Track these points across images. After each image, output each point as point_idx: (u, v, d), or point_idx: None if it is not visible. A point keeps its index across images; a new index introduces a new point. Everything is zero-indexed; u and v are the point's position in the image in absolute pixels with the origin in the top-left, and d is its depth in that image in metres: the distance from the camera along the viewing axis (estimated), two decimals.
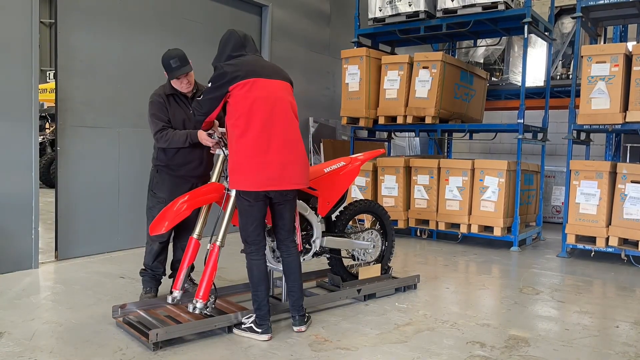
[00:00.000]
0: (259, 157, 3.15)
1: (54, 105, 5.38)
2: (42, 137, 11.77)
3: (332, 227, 4.19)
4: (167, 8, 6.10)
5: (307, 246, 3.94)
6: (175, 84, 3.78)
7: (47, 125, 12.85)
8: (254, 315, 3.32)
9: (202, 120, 3.38)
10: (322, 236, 3.98)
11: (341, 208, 4.27)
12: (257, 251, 3.32)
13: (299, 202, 3.86)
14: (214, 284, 3.35)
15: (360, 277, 4.24)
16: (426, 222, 6.85)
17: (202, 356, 3.01)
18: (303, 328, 3.41)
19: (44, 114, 12.22)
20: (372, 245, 4.42)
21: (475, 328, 3.56)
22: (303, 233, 3.92)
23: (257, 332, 3.26)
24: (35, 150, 4.82)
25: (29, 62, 4.73)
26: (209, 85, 3.26)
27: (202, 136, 3.61)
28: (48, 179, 10.88)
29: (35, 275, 4.68)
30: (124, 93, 5.69)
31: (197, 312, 3.27)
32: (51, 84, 12.97)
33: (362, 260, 4.37)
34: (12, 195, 4.68)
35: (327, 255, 4.12)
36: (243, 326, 3.34)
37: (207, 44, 6.65)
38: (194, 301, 3.27)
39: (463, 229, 6.52)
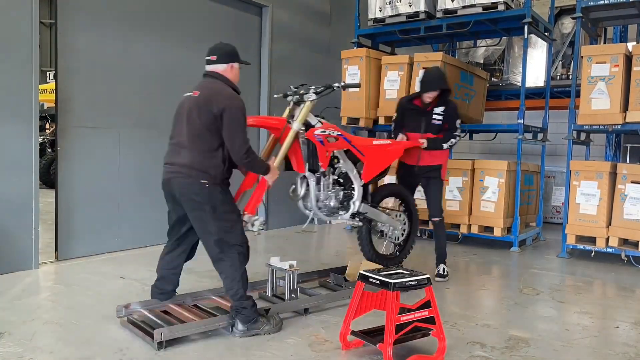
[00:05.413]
0: None
1: (54, 105, 5.38)
2: (42, 137, 11.76)
3: (368, 198, 4.33)
4: (168, 8, 6.09)
5: (347, 204, 4.08)
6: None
7: (47, 126, 12.85)
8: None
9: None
10: (361, 202, 4.15)
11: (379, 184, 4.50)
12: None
13: (347, 162, 4.07)
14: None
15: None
16: (426, 222, 6.82)
17: (203, 356, 3.01)
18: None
19: (44, 115, 12.20)
20: (400, 226, 4.61)
21: (475, 328, 3.56)
22: (345, 192, 4.09)
23: None
24: (36, 150, 4.82)
25: (29, 62, 4.73)
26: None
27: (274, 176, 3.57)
28: (48, 179, 10.86)
29: (35, 275, 4.68)
30: (124, 93, 5.69)
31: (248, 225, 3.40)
32: (51, 85, 12.94)
33: (389, 237, 4.54)
34: (12, 195, 4.67)
35: (358, 226, 4.28)
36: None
37: (207, 44, 6.60)
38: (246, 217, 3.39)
39: (463, 230, 6.52)
